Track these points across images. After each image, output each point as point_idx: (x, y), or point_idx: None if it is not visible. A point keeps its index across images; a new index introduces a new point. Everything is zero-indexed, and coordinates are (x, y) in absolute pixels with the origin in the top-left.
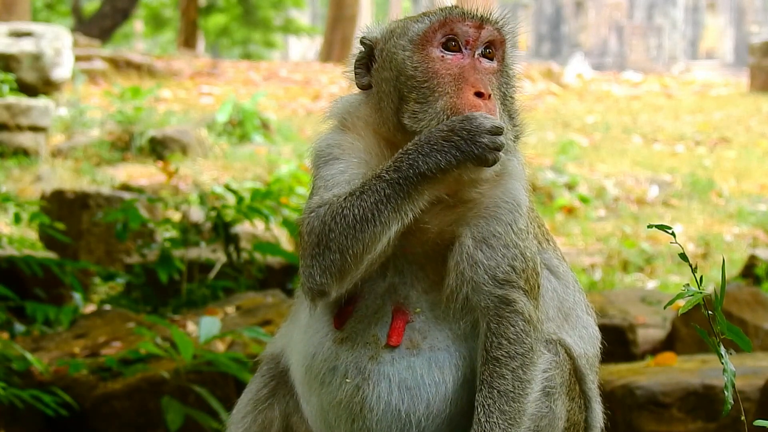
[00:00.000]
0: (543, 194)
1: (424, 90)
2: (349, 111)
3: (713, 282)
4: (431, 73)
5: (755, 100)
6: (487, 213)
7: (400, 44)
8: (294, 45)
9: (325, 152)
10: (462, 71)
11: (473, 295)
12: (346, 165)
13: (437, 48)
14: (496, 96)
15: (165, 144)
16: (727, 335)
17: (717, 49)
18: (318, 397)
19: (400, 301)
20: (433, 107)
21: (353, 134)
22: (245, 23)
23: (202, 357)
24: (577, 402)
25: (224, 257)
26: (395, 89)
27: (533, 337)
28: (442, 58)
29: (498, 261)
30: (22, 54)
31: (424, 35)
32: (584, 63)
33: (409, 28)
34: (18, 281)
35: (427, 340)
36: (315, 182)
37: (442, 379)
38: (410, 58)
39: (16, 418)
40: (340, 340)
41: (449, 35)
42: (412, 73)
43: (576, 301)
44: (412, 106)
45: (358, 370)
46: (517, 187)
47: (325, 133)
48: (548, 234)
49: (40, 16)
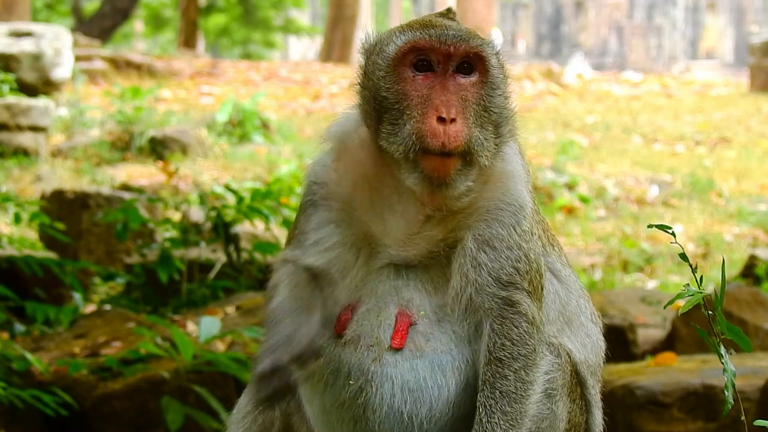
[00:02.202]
0: (543, 194)
1: (395, 112)
2: (345, 132)
3: (713, 282)
4: (402, 94)
5: (755, 100)
6: (489, 216)
7: (377, 63)
8: (294, 45)
9: (309, 190)
10: (430, 92)
11: (477, 297)
12: (318, 221)
13: (409, 68)
14: (472, 111)
15: (165, 144)
16: (727, 335)
17: (717, 49)
18: (321, 399)
19: (404, 303)
20: (403, 131)
21: (346, 160)
22: (245, 23)
23: (202, 357)
24: (578, 404)
25: (224, 257)
26: (374, 110)
27: (536, 338)
28: (413, 78)
29: (501, 263)
30: (22, 54)
31: (395, 56)
32: (584, 63)
33: (386, 45)
34: (18, 281)
35: (430, 343)
36: (295, 223)
37: (445, 382)
38: (384, 78)
39: (16, 418)
40: (344, 342)
41: (420, 56)
42: (385, 94)
43: (580, 307)
44: (386, 128)
45: (362, 372)
46: (519, 188)
47: (318, 157)
48: (553, 239)
49: (40, 16)
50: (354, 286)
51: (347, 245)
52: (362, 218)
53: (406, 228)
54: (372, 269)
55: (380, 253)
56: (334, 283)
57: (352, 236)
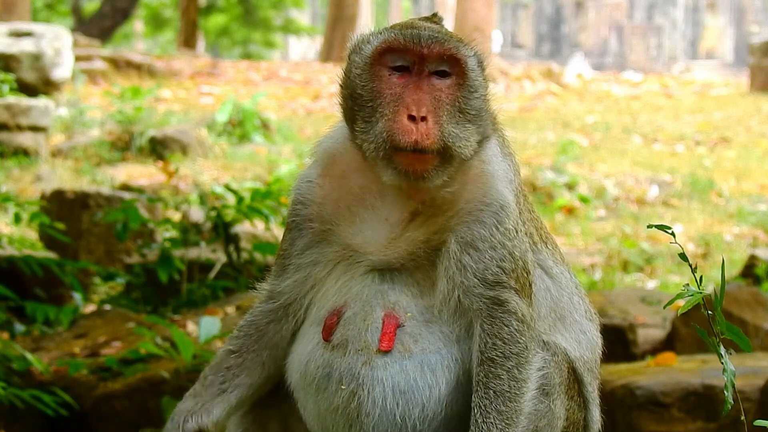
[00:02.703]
0: (543, 194)
1: (368, 109)
2: (333, 145)
3: (713, 282)
4: (376, 92)
5: (755, 100)
6: (470, 218)
7: (356, 61)
8: (294, 45)
9: (294, 210)
10: (403, 91)
11: (465, 299)
12: (302, 245)
13: (385, 68)
14: (445, 111)
15: (165, 144)
16: (727, 335)
17: (717, 49)
18: (315, 403)
19: (390, 306)
20: (375, 128)
21: (332, 174)
22: (245, 23)
23: (202, 357)
24: (576, 400)
25: (224, 257)
26: (350, 109)
27: (528, 336)
28: (388, 77)
29: (486, 263)
30: (22, 54)
31: (371, 55)
32: (584, 63)
33: (365, 44)
34: (18, 281)
35: (418, 344)
36: (281, 242)
37: (435, 382)
38: (360, 76)
39: (16, 418)
40: (332, 347)
41: (396, 56)
42: (360, 92)
43: (573, 304)
44: (360, 126)
45: (352, 376)
46: (500, 188)
47: (304, 172)
48: (547, 235)
49: (40, 16)
50: (337, 292)
51: (324, 261)
52: (342, 234)
53: (389, 232)
54: (355, 275)
55: (362, 261)
56: (300, 312)
57: (333, 252)
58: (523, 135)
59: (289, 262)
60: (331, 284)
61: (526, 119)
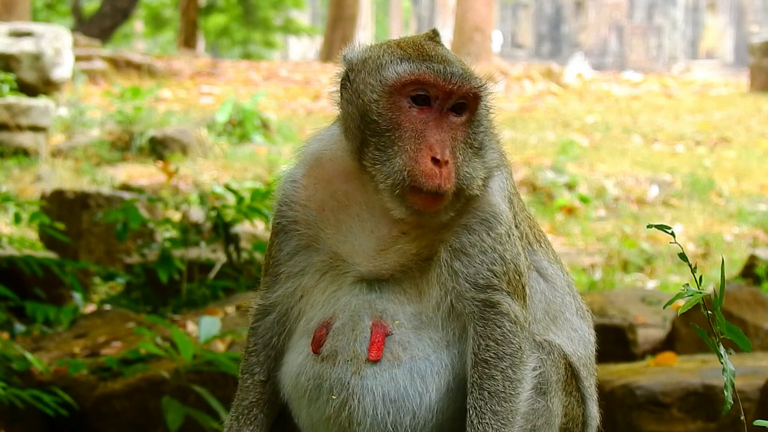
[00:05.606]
0: (543, 194)
1: (386, 139)
2: (319, 148)
3: (713, 282)
4: (395, 123)
5: (755, 100)
6: (461, 228)
7: (369, 83)
8: (294, 45)
9: (279, 212)
10: (425, 128)
11: (457, 304)
12: (289, 250)
13: (406, 99)
14: (460, 149)
15: (165, 144)
16: (726, 335)
17: (717, 49)
18: (308, 414)
19: (378, 315)
20: (392, 162)
21: (317, 176)
22: (245, 23)
23: (202, 357)
24: (574, 396)
25: (224, 257)
26: (358, 129)
27: (521, 336)
28: (408, 108)
29: (476, 267)
30: (22, 54)
31: (394, 84)
32: (584, 63)
33: (382, 67)
34: (18, 281)
35: (407, 351)
36: (268, 249)
37: (425, 389)
38: (376, 102)
39: (16, 418)
40: (322, 359)
41: (420, 90)
42: (376, 119)
43: (565, 303)
44: (372, 152)
45: (343, 387)
46: (493, 200)
47: (289, 171)
48: (541, 235)
49: (40, 16)
50: (325, 303)
51: (312, 271)
52: (328, 242)
53: (376, 244)
54: (343, 285)
55: (349, 272)
56: (293, 320)
57: (320, 261)
58: (523, 135)
59: (279, 270)
60: (318, 295)
61: (526, 119)
